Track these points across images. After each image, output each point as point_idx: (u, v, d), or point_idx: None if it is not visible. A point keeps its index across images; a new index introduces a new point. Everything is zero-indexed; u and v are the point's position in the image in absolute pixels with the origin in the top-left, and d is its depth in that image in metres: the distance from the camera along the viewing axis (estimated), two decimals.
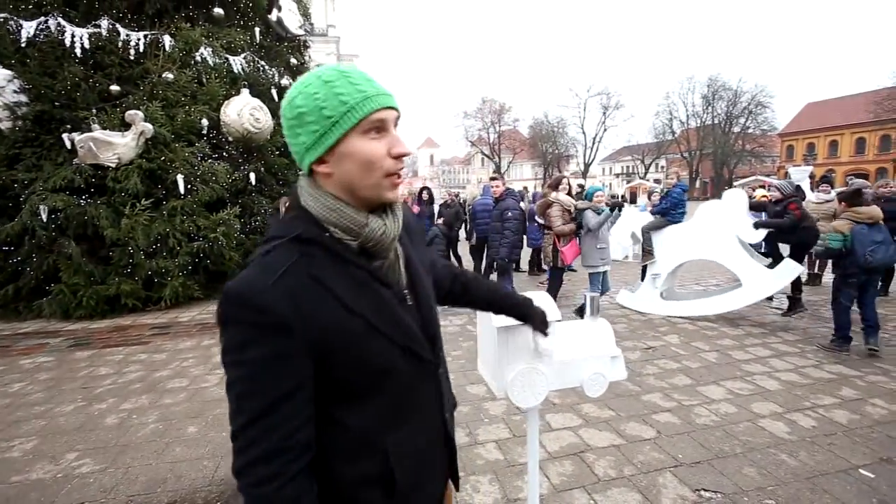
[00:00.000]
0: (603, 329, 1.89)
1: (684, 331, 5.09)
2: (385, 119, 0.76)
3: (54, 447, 2.93)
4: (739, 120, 48.06)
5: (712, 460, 2.63)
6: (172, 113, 6.92)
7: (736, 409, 3.25)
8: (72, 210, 6.04)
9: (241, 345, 0.70)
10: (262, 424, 0.70)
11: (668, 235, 5.74)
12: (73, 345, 5.07)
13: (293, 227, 0.76)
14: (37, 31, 6.43)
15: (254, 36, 8.57)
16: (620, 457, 2.69)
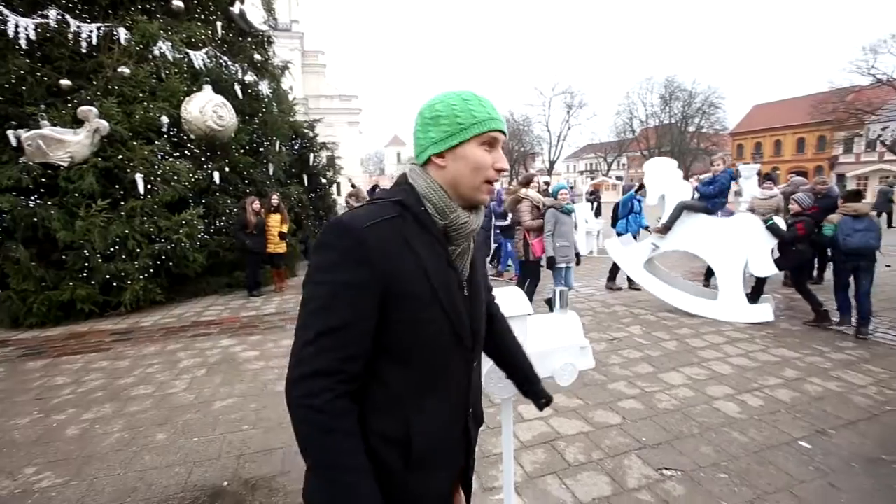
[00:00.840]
0: (572, 321, 2.01)
1: (646, 322, 5.36)
2: (497, 138, 0.93)
3: (10, 462, 2.79)
4: (694, 119, 50.27)
5: (672, 441, 2.82)
6: (130, 109, 6.61)
7: (693, 394, 3.48)
8: (19, 212, 5.69)
9: (331, 266, 0.83)
10: (328, 340, 0.81)
11: (698, 222, 5.58)
12: (25, 354, 4.80)
13: (398, 193, 0.92)
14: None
15: (216, 30, 8.29)
16: (589, 443, 2.84)
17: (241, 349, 4.74)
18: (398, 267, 0.84)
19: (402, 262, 0.84)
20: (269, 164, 8.90)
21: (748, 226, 5.32)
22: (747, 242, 5.26)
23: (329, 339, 0.80)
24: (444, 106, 0.91)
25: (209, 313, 6.28)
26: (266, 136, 8.92)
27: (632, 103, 52.66)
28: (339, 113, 40.43)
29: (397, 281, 0.84)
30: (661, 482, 2.43)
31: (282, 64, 10.85)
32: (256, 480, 2.54)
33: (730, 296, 5.34)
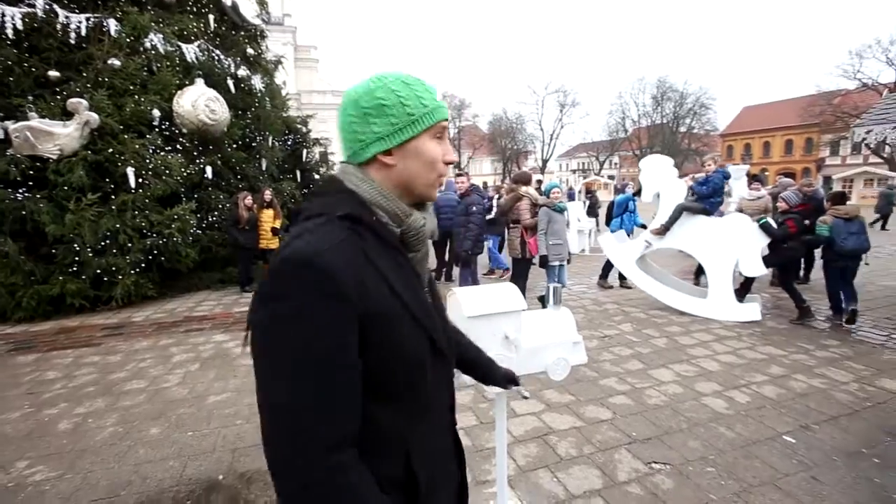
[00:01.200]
0: (565, 317, 2.05)
1: (637, 319, 5.44)
2: (446, 128, 0.84)
3: (2, 456, 2.78)
4: (685, 120, 50.79)
5: (662, 436, 2.89)
6: (120, 102, 6.54)
7: (682, 390, 3.55)
8: (7, 205, 5.61)
9: (301, 313, 0.65)
10: (328, 402, 0.65)
11: (694, 224, 5.63)
12: (14, 349, 4.74)
13: (340, 206, 0.75)
14: None
15: (208, 24, 8.21)
16: (580, 437, 2.90)
17: (235, 345, 4.73)
18: (369, 291, 0.70)
19: (371, 285, 0.71)
20: (262, 160, 8.85)
21: (740, 226, 5.41)
22: (739, 242, 5.35)
23: (333, 398, 0.65)
24: (387, 93, 0.77)
25: (202, 308, 6.24)
26: (259, 132, 8.86)
27: (624, 103, 53.16)
28: (331, 108, 40.15)
29: (371, 306, 0.70)
30: (650, 475, 2.49)
31: (275, 58, 10.78)
32: (252, 474, 2.56)
33: (719, 295, 5.44)
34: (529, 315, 2.05)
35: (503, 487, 2.07)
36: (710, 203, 5.73)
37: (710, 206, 5.71)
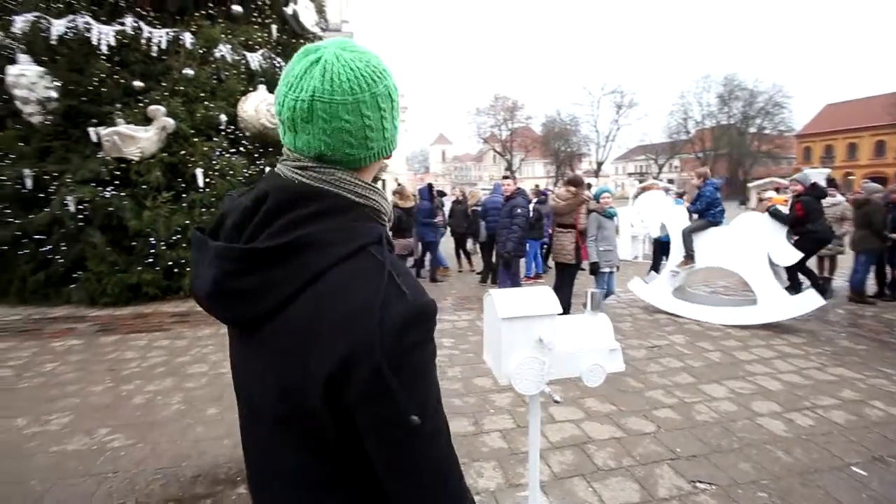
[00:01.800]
0: (602, 323, 2.01)
1: (690, 331, 5.16)
2: None
3: (88, 423, 3.13)
4: (756, 120, 47.33)
5: (709, 454, 2.74)
6: (192, 108, 7.12)
7: (736, 408, 3.33)
8: (98, 201, 6.29)
9: (433, 361, 0.65)
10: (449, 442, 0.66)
11: (708, 238, 5.60)
12: (100, 330, 5.30)
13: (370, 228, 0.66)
14: (66, 29, 6.66)
15: (270, 33, 8.74)
16: (620, 449, 2.81)
17: None
18: None
19: None
20: None
21: (752, 223, 5.41)
22: (759, 238, 5.28)
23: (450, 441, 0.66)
24: (394, 81, 0.69)
25: None
26: None
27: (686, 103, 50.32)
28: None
29: None
30: (693, 495, 2.37)
31: None
32: None
33: (768, 294, 5.20)
34: (566, 319, 2.03)
35: (535, 491, 2.06)
36: (712, 214, 5.64)
37: (713, 218, 5.63)
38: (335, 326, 0.58)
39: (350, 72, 0.62)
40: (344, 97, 0.61)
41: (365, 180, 0.68)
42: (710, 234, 5.62)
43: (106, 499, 2.37)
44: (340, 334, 0.57)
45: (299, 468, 0.68)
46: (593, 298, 2.08)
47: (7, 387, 3.77)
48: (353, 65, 0.62)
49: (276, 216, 0.63)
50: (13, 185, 6.33)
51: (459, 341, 4.86)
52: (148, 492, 2.42)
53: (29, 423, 3.14)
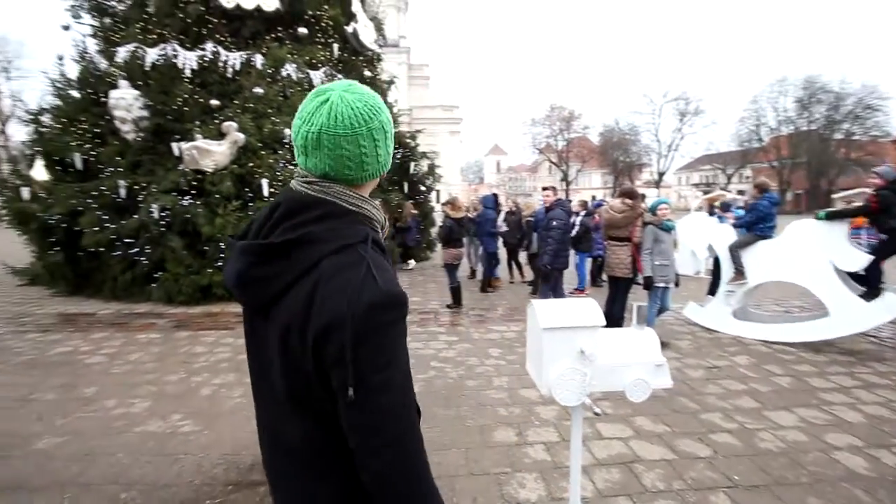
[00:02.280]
0: (648, 338, 1.95)
1: (756, 352, 4.80)
2: None
3: (164, 408, 3.47)
4: (842, 125, 43.08)
5: (772, 486, 2.53)
6: (260, 124, 7.70)
7: (807, 438, 3.06)
8: (177, 209, 6.95)
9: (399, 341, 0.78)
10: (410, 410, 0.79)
11: (758, 252, 5.34)
12: (175, 326, 5.83)
13: (359, 230, 0.80)
14: (158, 56, 7.49)
15: (332, 51, 9.29)
16: (671, 471, 2.67)
17: None
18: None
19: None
20: None
21: (806, 228, 5.07)
22: (817, 244, 4.92)
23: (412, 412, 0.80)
24: (388, 116, 0.84)
25: None
26: None
27: (760, 108, 46.82)
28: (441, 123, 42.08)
29: None
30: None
31: (388, 79, 11.73)
32: None
33: (839, 303, 4.74)
34: (610, 332, 1.99)
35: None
36: (760, 229, 5.34)
37: (761, 232, 5.34)
38: (322, 303, 0.72)
39: (351, 111, 0.77)
40: (345, 131, 0.77)
41: (361, 193, 0.84)
42: (761, 247, 5.33)
43: (177, 476, 2.61)
44: (325, 309, 0.72)
45: (306, 438, 0.81)
46: (639, 312, 2.02)
47: (102, 371, 4.26)
48: (354, 104, 0.78)
49: (287, 219, 0.80)
50: (110, 194, 7.15)
51: (507, 352, 4.84)
52: (212, 474, 2.64)
53: (117, 405, 3.52)
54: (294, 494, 0.88)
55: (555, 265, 5.79)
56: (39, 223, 7.27)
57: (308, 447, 0.82)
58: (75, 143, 7.51)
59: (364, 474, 0.77)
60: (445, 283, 7.03)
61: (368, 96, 0.81)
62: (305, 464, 0.84)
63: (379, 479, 0.76)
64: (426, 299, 7.46)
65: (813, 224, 5.04)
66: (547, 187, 6.52)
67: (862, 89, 41.49)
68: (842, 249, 4.82)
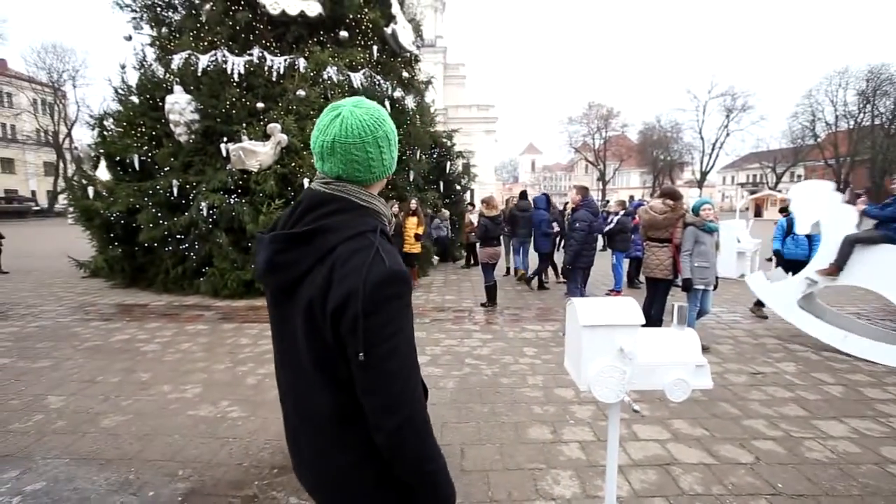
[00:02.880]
0: (689, 338, 1.94)
1: (804, 359, 4.58)
2: None
3: (213, 395, 3.70)
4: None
5: (820, 496, 2.44)
6: (303, 125, 7.97)
7: (860, 450, 2.92)
8: (224, 207, 7.31)
9: (406, 311, 0.89)
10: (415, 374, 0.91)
11: (875, 255, 4.57)
12: (221, 318, 6.16)
13: (369, 221, 0.94)
14: (209, 62, 7.91)
15: (371, 54, 9.50)
16: (710, 475, 2.62)
17: None
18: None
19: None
20: (410, 172, 9.81)
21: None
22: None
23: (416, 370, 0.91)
24: (392, 126, 0.99)
25: None
26: (409, 146, 9.86)
27: (815, 103, 43.86)
28: (476, 122, 42.02)
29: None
30: None
31: (426, 79, 11.86)
32: None
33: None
34: (651, 332, 1.99)
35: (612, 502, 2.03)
36: (894, 229, 4.55)
37: (893, 233, 4.53)
38: (339, 280, 0.85)
39: (359, 123, 0.92)
40: (354, 140, 0.92)
41: (370, 192, 0.98)
42: (881, 251, 4.55)
43: (227, 457, 2.79)
44: (341, 285, 0.84)
45: (335, 405, 0.92)
46: (680, 312, 2.00)
47: (157, 358, 4.57)
48: (362, 118, 0.92)
49: (308, 213, 0.94)
50: (164, 193, 7.62)
51: (542, 351, 4.84)
52: (259, 457, 2.81)
53: (171, 391, 3.78)
54: (322, 466, 0.98)
55: (576, 265, 5.83)
56: (102, 220, 7.85)
57: (338, 414, 0.93)
58: (134, 145, 8.04)
59: (378, 436, 0.88)
60: (479, 281, 7.07)
61: (374, 110, 0.95)
62: (333, 433, 0.95)
63: (392, 438, 0.87)
64: (460, 297, 7.53)
65: None
66: (576, 186, 6.49)
67: None
68: None
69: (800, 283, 5.09)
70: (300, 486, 2.47)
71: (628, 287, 8.22)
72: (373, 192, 0.99)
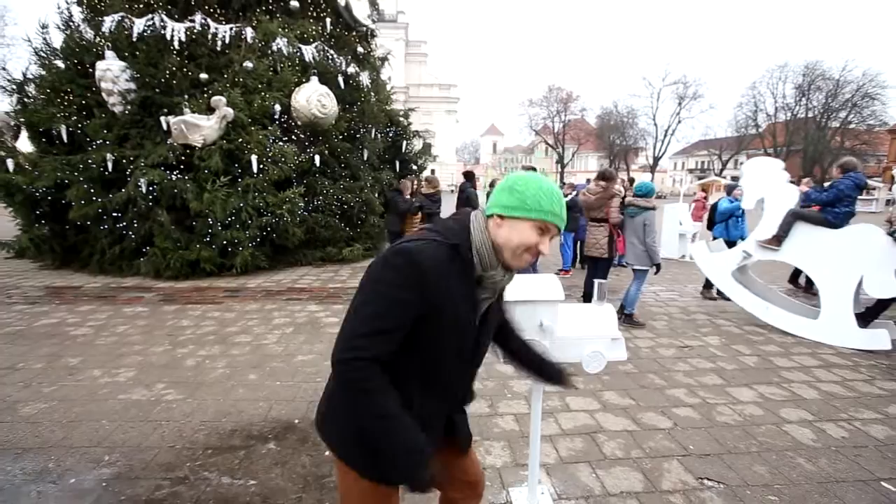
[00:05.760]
0: (607, 313, 2.06)
1: (728, 333, 4.97)
2: (549, 229, 1.14)
3: (148, 378, 3.57)
4: (840, 113, 42.99)
5: (723, 455, 2.70)
6: (250, 99, 7.61)
7: (762, 412, 3.23)
8: (165, 184, 6.91)
9: (394, 283, 1.03)
10: (378, 337, 1.03)
11: (811, 235, 4.91)
12: (163, 299, 5.90)
13: (455, 235, 1.11)
14: (145, 26, 7.33)
15: (324, 26, 9.12)
16: (631, 441, 2.83)
17: (325, 315, 5.34)
18: (440, 299, 1.06)
19: (444, 297, 1.06)
20: (364, 150, 9.61)
21: (867, 237, 4.64)
22: (865, 257, 4.59)
23: (378, 337, 1.03)
24: (525, 185, 1.12)
25: (302, 282, 7.09)
26: (363, 124, 9.63)
27: (758, 94, 46.45)
28: (437, 101, 41.51)
29: (435, 309, 1.06)
30: (698, 490, 2.37)
31: (382, 55, 11.55)
32: None
33: (835, 317, 4.69)
34: (570, 307, 2.10)
35: (535, 469, 2.16)
36: (834, 213, 4.88)
37: (833, 217, 4.87)
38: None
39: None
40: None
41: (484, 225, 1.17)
42: (817, 233, 4.89)
43: (159, 441, 2.72)
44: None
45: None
46: (600, 288, 2.12)
47: (88, 342, 4.34)
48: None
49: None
50: (98, 167, 7.10)
51: None
52: (193, 439, 2.76)
53: (103, 375, 3.62)
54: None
55: None
56: (25, 195, 7.22)
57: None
58: (61, 115, 7.39)
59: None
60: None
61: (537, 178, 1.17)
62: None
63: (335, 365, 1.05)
64: None
65: (876, 236, 4.63)
66: (527, 167, 6.68)
67: (862, 77, 41.19)
68: (883, 274, 4.51)
69: (736, 256, 5.45)
70: (234, 465, 2.49)
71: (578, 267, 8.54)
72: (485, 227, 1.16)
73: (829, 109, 43.46)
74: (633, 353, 4.31)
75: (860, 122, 42.32)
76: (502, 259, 1.13)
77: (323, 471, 2.47)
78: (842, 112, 42.87)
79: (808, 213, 5.05)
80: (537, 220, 1.10)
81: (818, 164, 44.46)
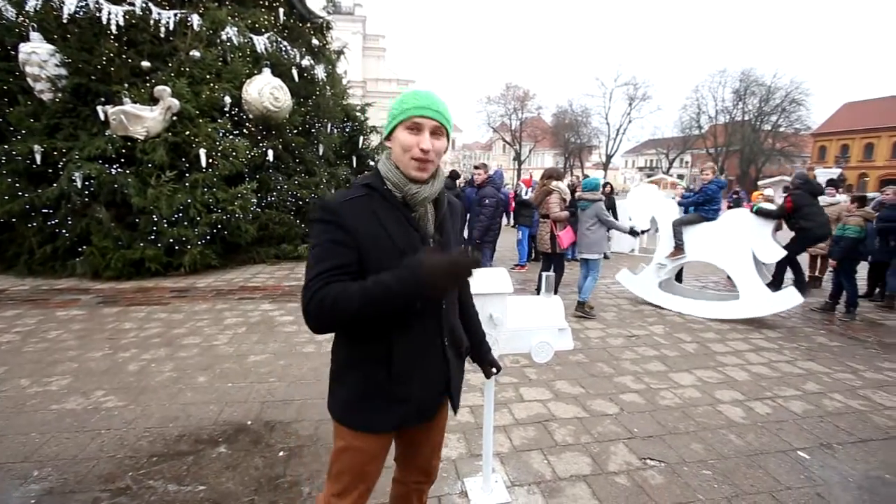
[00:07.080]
0: (554, 304, 2.15)
1: (671, 322, 5.28)
2: (421, 123, 1.15)
3: (85, 385, 3.35)
4: (771, 117, 46.35)
5: (664, 436, 2.88)
6: (198, 90, 7.26)
7: (700, 395, 3.47)
8: (104, 178, 6.48)
9: (321, 231, 1.15)
10: (324, 276, 1.10)
11: (698, 232, 5.70)
12: (102, 302, 5.54)
13: (366, 178, 1.23)
14: (77, 7, 6.80)
15: (278, 17, 8.82)
16: (581, 427, 2.97)
17: (279, 314, 5.21)
18: (366, 231, 1.14)
19: (368, 227, 1.14)
20: (320, 145, 9.41)
21: (739, 219, 5.56)
22: (744, 234, 5.38)
23: (325, 275, 1.10)
24: (394, 102, 1.20)
25: (256, 280, 6.86)
26: (318, 118, 9.42)
27: (701, 97, 49.16)
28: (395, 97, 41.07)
29: (366, 240, 1.14)
30: (641, 470, 2.52)
31: (338, 48, 11.33)
32: (275, 423, 2.90)
33: (750, 290, 5.30)
34: (519, 299, 2.17)
35: (488, 459, 2.23)
36: (706, 210, 5.76)
37: (706, 213, 5.74)
38: None
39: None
40: None
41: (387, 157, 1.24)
42: (700, 228, 5.73)
43: (97, 451, 2.57)
44: None
45: None
46: (547, 280, 2.21)
47: (13, 350, 4.01)
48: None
49: None
50: (23, 160, 6.54)
51: None
52: (136, 447, 2.62)
53: (31, 384, 3.36)
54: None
55: (485, 240, 6.18)
56: None
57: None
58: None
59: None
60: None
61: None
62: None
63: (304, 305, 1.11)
64: None
65: (744, 215, 5.57)
66: (478, 166, 6.84)
67: (790, 84, 44.62)
68: (765, 242, 5.34)
69: (655, 270, 6.06)
70: (180, 473, 2.40)
71: (532, 261, 8.77)
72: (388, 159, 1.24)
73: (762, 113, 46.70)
74: (584, 343, 4.50)
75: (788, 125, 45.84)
76: (405, 174, 1.19)
77: (276, 471, 2.43)
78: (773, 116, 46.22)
79: (686, 218, 5.88)
80: (404, 120, 1.15)
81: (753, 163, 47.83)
